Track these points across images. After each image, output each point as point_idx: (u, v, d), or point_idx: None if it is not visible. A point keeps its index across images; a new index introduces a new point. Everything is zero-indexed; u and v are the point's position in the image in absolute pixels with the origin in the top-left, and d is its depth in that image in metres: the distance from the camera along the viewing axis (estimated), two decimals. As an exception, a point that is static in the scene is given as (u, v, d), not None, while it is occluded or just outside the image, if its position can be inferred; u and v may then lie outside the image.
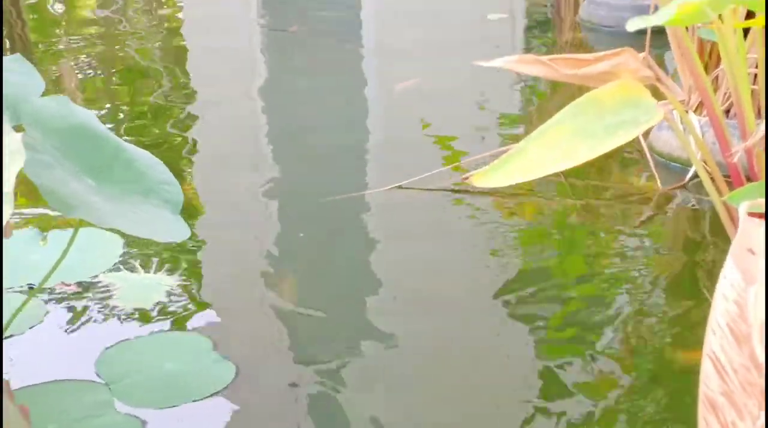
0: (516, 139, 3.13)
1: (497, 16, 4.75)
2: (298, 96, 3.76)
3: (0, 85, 1.71)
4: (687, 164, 2.82)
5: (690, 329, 2.08)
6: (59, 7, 5.29)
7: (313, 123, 3.44)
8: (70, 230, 2.50)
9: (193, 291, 2.28)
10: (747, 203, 1.10)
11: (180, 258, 2.42)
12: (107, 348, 2.04)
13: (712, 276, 2.30)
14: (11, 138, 1.40)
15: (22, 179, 1.39)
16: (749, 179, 1.91)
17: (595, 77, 1.49)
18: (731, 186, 1.91)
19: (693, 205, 2.68)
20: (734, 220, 1.68)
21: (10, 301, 2.13)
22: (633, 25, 1.17)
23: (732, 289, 1.02)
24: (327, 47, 4.49)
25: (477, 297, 2.24)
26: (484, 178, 1.36)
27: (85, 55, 4.34)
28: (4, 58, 1.92)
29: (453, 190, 2.75)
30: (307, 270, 2.41)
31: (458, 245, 2.47)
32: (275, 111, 3.64)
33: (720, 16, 1.46)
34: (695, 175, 2.75)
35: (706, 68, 2.84)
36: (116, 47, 4.47)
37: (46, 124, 1.79)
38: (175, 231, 1.88)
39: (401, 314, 2.18)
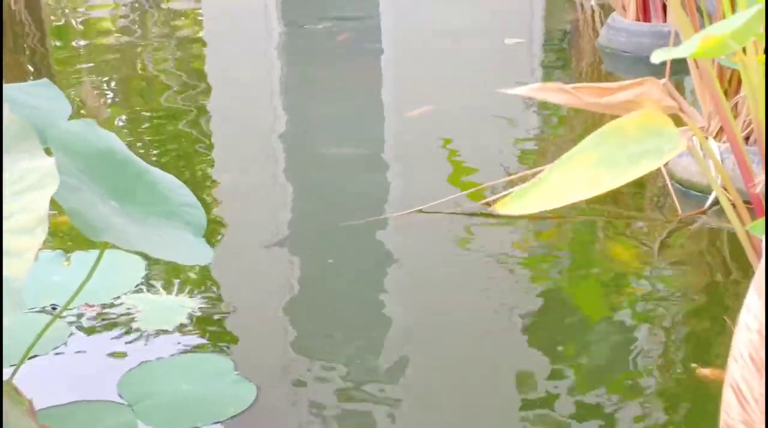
0: (534, 163, 3.15)
1: (514, 41, 4.77)
2: (316, 117, 3.78)
3: (0, 95, 1.74)
4: (707, 191, 2.82)
5: (708, 354, 2.08)
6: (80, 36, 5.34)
7: (330, 144, 3.46)
8: (93, 251, 2.52)
9: (215, 313, 2.30)
10: (770, 235, 1.11)
11: (202, 280, 2.44)
12: (130, 370, 2.06)
13: (733, 302, 2.30)
14: (44, 162, 1.43)
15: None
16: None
17: (618, 106, 1.50)
18: (752, 212, 1.92)
19: (713, 232, 2.68)
20: (755, 247, 1.69)
21: (34, 323, 2.15)
22: (657, 57, 1.18)
23: (755, 320, 1.03)
24: (344, 87, 4.52)
25: (498, 319, 2.25)
26: (507, 205, 1.37)
27: (106, 76, 4.38)
28: (31, 82, 1.95)
29: (474, 214, 2.76)
30: (331, 294, 2.43)
31: (480, 268, 2.49)
32: (291, 129, 3.67)
33: (743, 48, 1.48)
34: (715, 202, 2.75)
35: (726, 94, 2.85)
36: (137, 65, 4.51)
37: (73, 147, 1.81)
38: (199, 254, 1.89)
39: (424, 341, 2.19)
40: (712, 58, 2.36)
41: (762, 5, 1.10)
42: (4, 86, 1.80)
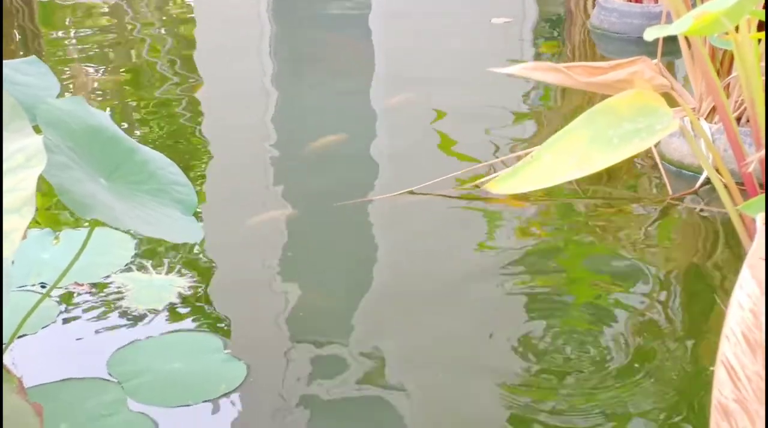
0: (523, 143, 3.14)
1: (502, 20, 4.75)
2: (305, 97, 3.77)
3: (0, 83, 1.73)
4: (697, 171, 2.82)
5: (700, 332, 2.09)
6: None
7: (319, 125, 3.45)
8: (82, 230, 2.51)
9: (204, 291, 2.29)
10: (763, 214, 1.11)
11: (191, 259, 2.43)
12: (119, 348, 2.05)
13: (724, 280, 2.31)
14: (32, 141, 1.42)
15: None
16: (763, 187, 1.91)
17: (611, 85, 1.50)
18: (744, 192, 1.92)
19: (703, 211, 2.68)
20: (747, 226, 1.69)
21: (23, 301, 2.14)
22: (650, 34, 1.18)
23: (748, 299, 1.02)
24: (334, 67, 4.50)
25: (486, 301, 2.25)
26: (499, 185, 1.37)
27: (95, 47, 4.34)
28: (20, 59, 1.93)
29: (465, 197, 2.76)
30: (320, 272, 2.43)
31: (470, 248, 2.49)
32: (283, 114, 3.65)
33: (736, 26, 1.47)
34: (706, 182, 2.76)
35: (718, 75, 2.85)
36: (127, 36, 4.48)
37: (62, 125, 1.80)
38: (189, 232, 1.89)
39: (414, 324, 2.19)
40: (705, 36, 2.36)
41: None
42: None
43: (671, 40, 2.83)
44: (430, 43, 4.45)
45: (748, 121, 2.64)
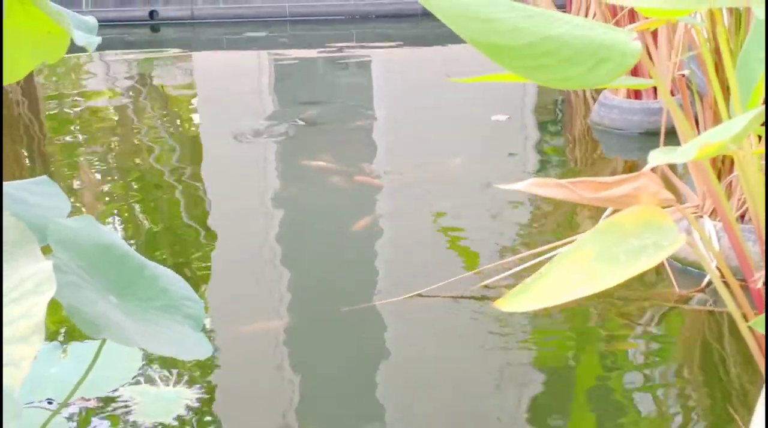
0: (526, 245, 3.15)
1: (504, 118, 4.80)
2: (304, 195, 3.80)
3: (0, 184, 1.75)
4: (703, 269, 2.82)
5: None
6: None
7: (321, 228, 3.47)
8: (90, 342, 2.51)
9: (212, 403, 2.28)
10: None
11: (199, 371, 2.42)
12: (128, 465, 2.04)
13: (730, 383, 2.30)
14: (42, 266, 1.43)
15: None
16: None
17: (616, 200, 1.51)
18: (747, 290, 1.91)
19: (709, 310, 2.68)
20: (756, 337, 1.68)
21: (31, 418, 2.12)
22: (655, 159, 1.19)
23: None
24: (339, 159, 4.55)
25: (498, 404, 2.24)
26: (509, 303, 1.37)
27: (102, 164, 4.39)
28: (30, 180, 1.95)
29: (473, 298, 2.76)
30: (327, 380, 2.41)
31: (479, 351, 2.48)
32: (283, 211, 3.68)
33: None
34: (712, 281, 2.76)
35: (720, 174, 2.87)
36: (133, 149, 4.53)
37: (73, 244, 1.82)
38: (198, 348, 1.88)
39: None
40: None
41: (761, 109, 1.12)
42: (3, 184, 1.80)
43: (673, 136, 2.88)
44: (436, 138, 4.50)
45: (750, 219, 2.65)
